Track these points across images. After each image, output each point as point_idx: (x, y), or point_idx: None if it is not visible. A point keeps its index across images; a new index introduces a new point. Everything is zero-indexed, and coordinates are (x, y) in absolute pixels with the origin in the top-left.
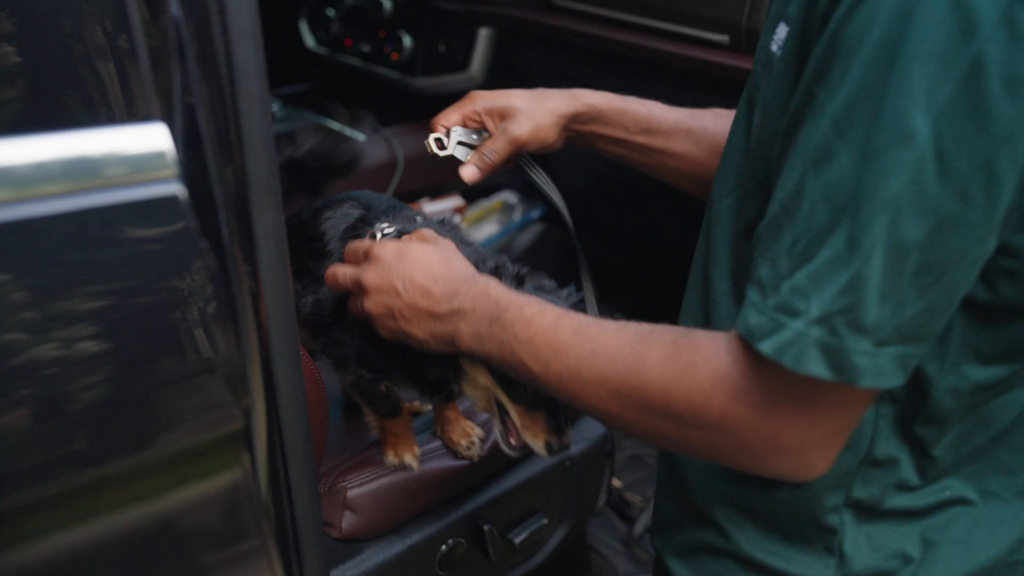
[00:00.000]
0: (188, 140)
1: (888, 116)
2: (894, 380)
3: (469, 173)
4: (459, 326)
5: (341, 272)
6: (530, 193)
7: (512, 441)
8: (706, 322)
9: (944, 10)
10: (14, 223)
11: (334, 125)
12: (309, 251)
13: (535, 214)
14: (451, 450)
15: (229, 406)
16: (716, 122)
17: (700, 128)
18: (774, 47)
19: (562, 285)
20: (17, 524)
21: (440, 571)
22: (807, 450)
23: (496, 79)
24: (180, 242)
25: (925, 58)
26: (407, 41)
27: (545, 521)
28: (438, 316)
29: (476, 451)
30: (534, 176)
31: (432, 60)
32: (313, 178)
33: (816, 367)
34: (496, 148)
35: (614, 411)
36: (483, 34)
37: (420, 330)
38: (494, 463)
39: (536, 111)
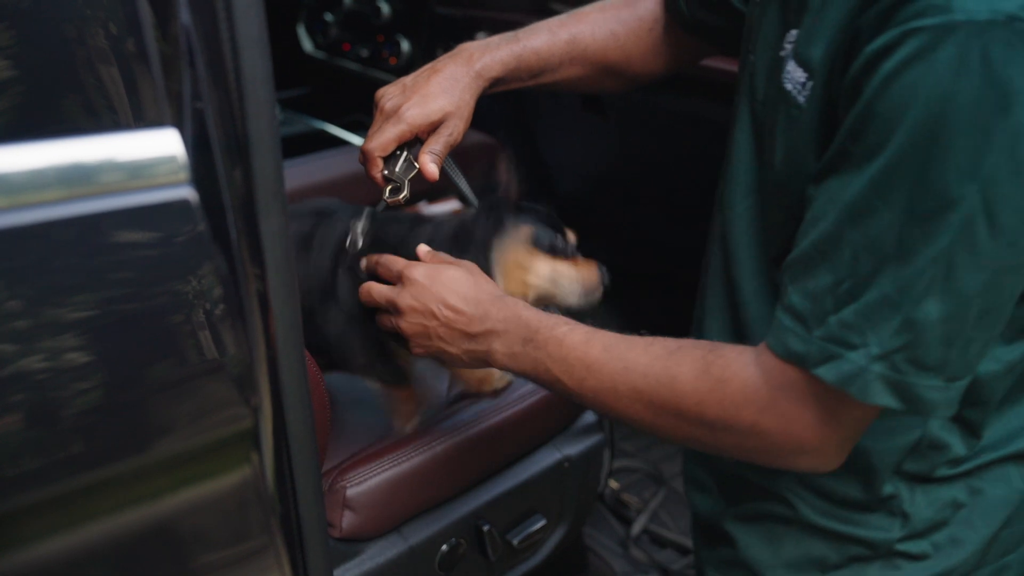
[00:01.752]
0: (198, 145)
1: (933, 184)
2: (958, 403)
3: (432, 170)
4: (493, 345)
5: (376, 291)
6: (529, 198)
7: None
8: (735, 322)
9: (981, 88)
10: (23, 228)
11: (332, 130)
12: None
13: None
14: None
15: (239, 405)
16: (594, 39)
17: (581, 52)
18: (789, 86)
19: None
20: (33, 522)
21: (440, 571)
22: (828, 450)
23: None
24: (192, 246)
25: (967, 133)
26: (405, 46)
27: (543, 522)
28: (472, 336)
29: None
30: (451, 174)
31: None
32: None
33: (884, 399)
34: (439, 150)
35: (648, 420)
36: (481, 38)
37: (455, 348)
38: (492, 461)
39: (460, 107)
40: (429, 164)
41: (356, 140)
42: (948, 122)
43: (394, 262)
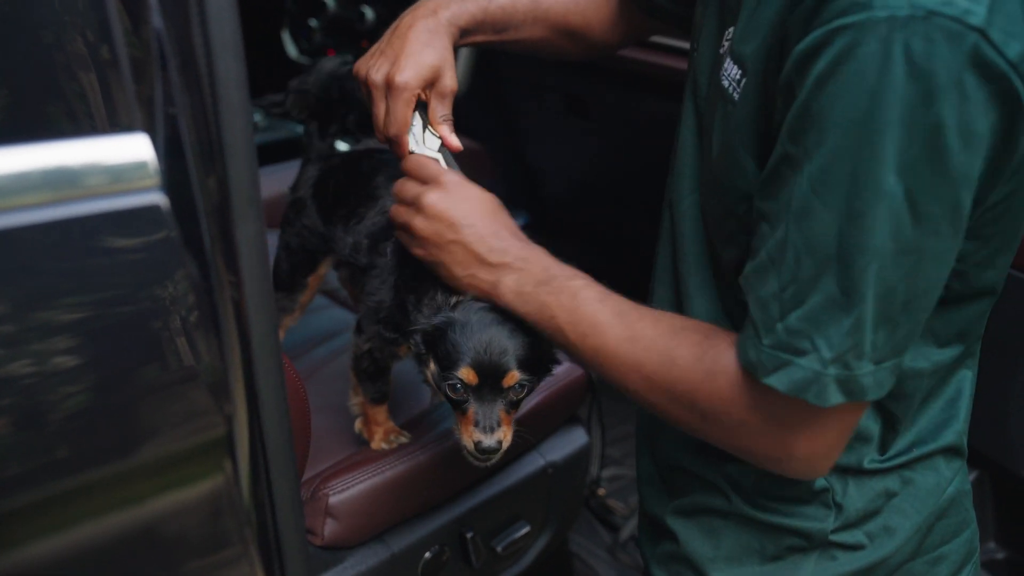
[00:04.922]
0: (170, 150)
1: (865, 180)
2: (890, 384)
3: (455, 141)
4: (503, 279)
5: (409, 185)
6: (515, 201)
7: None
8: (679, 314)
9: (906, 83)
10: None
11: None
12: (358, 196)
13: (519, 222)
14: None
15: (212, 413)
16: (557, 1)
17: (544, 13)
18: (726, 83)
19: None
20: (4, 529)
21: None
22: (815, 457)
23: (479, 90)
24: (163, 251)
25: (893, 126)
26: None
27: (527, 528)
28: (486, 264)
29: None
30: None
31: None
32: (327, 108)
33: (836, 398)
34: (447, 111)
35: (643, 394)
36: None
37: (460, 269)
38: (475, 469)
39: (445, 56)
40: (451, 136)
41: (340, 146)
42: (875, 117)
43: (430, 165)
